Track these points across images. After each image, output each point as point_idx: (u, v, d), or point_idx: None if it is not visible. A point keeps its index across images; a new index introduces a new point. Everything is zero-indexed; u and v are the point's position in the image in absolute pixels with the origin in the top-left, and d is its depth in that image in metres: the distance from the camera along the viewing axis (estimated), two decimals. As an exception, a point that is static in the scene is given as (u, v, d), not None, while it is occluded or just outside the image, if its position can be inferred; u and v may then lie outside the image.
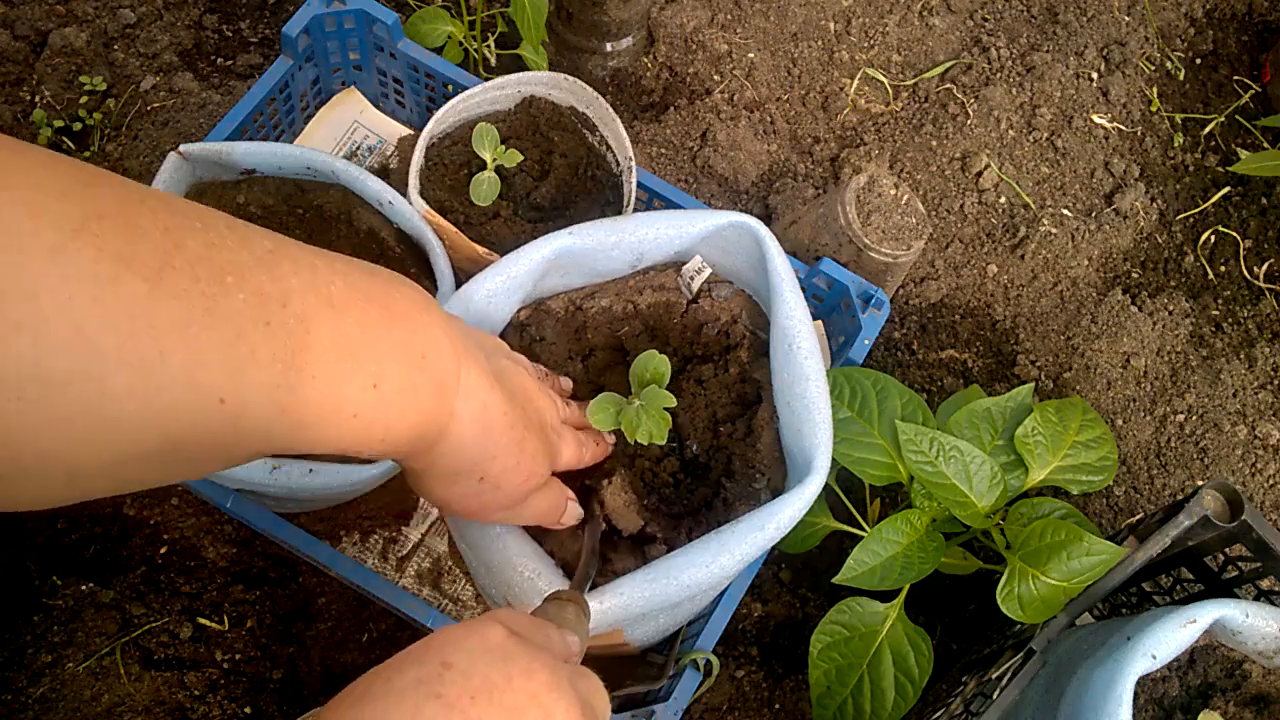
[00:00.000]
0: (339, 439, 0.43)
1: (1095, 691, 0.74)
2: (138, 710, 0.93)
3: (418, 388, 0.46)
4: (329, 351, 0.41)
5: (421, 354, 0.47)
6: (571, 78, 0.96)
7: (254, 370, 0.37)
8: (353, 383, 0.42)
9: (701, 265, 0.80)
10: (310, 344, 0.40)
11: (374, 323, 0.44)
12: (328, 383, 0.41)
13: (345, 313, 0.42)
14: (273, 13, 1.29)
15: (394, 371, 0.45)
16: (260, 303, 0.38)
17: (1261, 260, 1.31)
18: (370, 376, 0.43)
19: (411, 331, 0.47)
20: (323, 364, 0.41)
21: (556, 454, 0.62)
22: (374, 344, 0.44)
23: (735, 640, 1.04)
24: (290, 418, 0.40)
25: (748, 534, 0.66)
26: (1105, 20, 1.40)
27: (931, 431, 0.89)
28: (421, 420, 0.47)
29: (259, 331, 0.37)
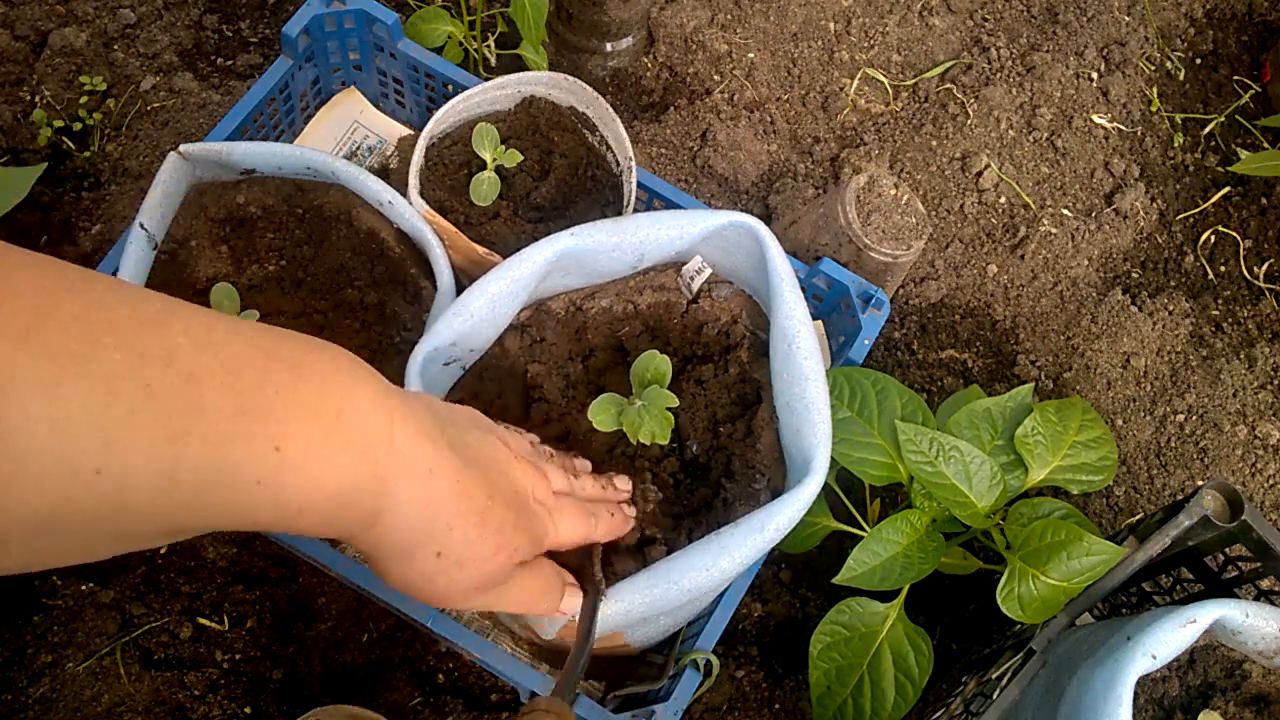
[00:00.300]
0: (249, 512, 0.39)
1: (1095, 691, 0.74)
2: (138, 710, 0.93)
3: (332, 449, 0.41)
4: (221, 413, 0.37)
5: (336, 413, 0.42)
6: (571, 78, 0.96)
7: (132, 436, 0.34)
8: (251, 446, 0.38)
9: (702, 265, 0.80)
10: (200, 406, 0.36)
11: (276, 380, 0.40)
12: (220, 445, 0.37)
13: (242, 372, 0.38)
14: (273, 13, 1.29)
15: (300, 431, 0.40)
16: (141, 363, 0.35)
17: (1261, 260, 1.31)
18: (271, 438, 0.39)
19: (324, 392, 0.42)
20: (214, 427, 0.37)
21: (544, 529, 0.56)
22: (276, 402, 0.39)
23: (735, 640, 1.04)
24: (183, 490, 0.36)
25: (748, 536, 0.66)
26: (1105, 20, 1.40)
27: (931, 431, 0.89)
28: (345, 488, 0.42)
29: (138, 394, 0.34)
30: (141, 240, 0.85)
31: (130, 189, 1.14)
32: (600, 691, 0.95)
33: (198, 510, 0.37)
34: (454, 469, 0.48)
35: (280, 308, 0.89)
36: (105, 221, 1.12)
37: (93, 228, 1.12)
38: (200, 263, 0.89)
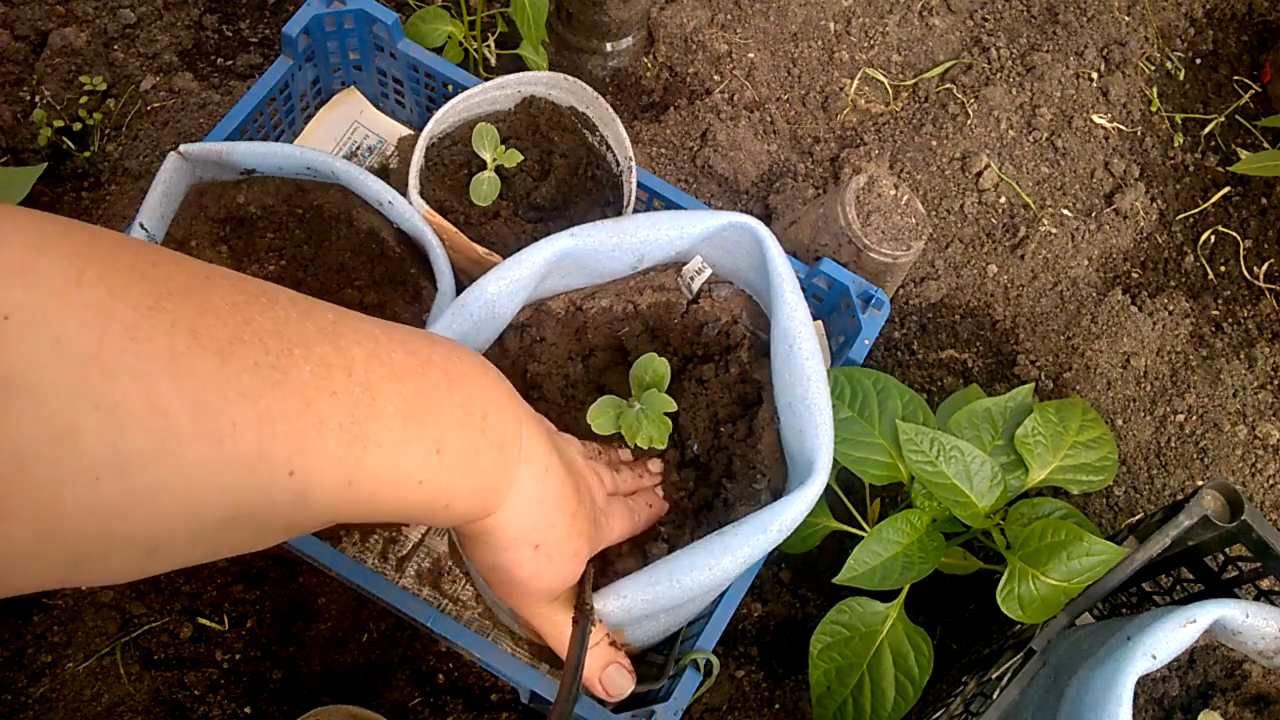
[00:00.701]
0: (404, 507, 0.43)
1: (1095, 691, 0.74)
2: (138, 710, 0.93)
3: (479, 450, 0.46)
4: (393, 418, 0.41)
5: (483, 414, 0.47)
6: (571, 78, 0.96)
7: (320, 441, 0.37)
8: (417, 448, 0.42)
9: (702, 266, 0.80)
10: (375, 412, 0.40)
11: (434, 387, 0.44)
12: (392, 449, 0.41)
13: (406, 379, 0.42)
14: (273, 13, 1.29)
15: (456, 435, 0.45)
16: (326, 373, 0.38)
17: (1261, 260, 1.32)
18: (434, 441, 0.43)
19: (471, 395, 0.47)
20: (388, 432, 0.41)
21: (601, 533, 0.61)
22: (436, 408, 0.44)
23: (735, 640, 1.04)
24: (357, 489, 0.40)
25: (750, 536, 0.66)
26: (1105, 20, 1.40)
27: (932, 431, 0.89)
28: (484, 484, 0.47)
29: (326, 401, 0.38)
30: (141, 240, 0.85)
31: (130, 189, 1.14)
32: (600, 691, 0.95)
33: (364, 506, 0.41)
34: (561, 471, 0.53)
35: (280, 308, 0.89)
36: (105, 221, 1.12)
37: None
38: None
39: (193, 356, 0.32)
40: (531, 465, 0.50)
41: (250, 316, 0.36)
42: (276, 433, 0.35)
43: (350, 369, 0.39)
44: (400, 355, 0.43)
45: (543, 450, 0.51)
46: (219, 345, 0.34)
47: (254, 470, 0.35)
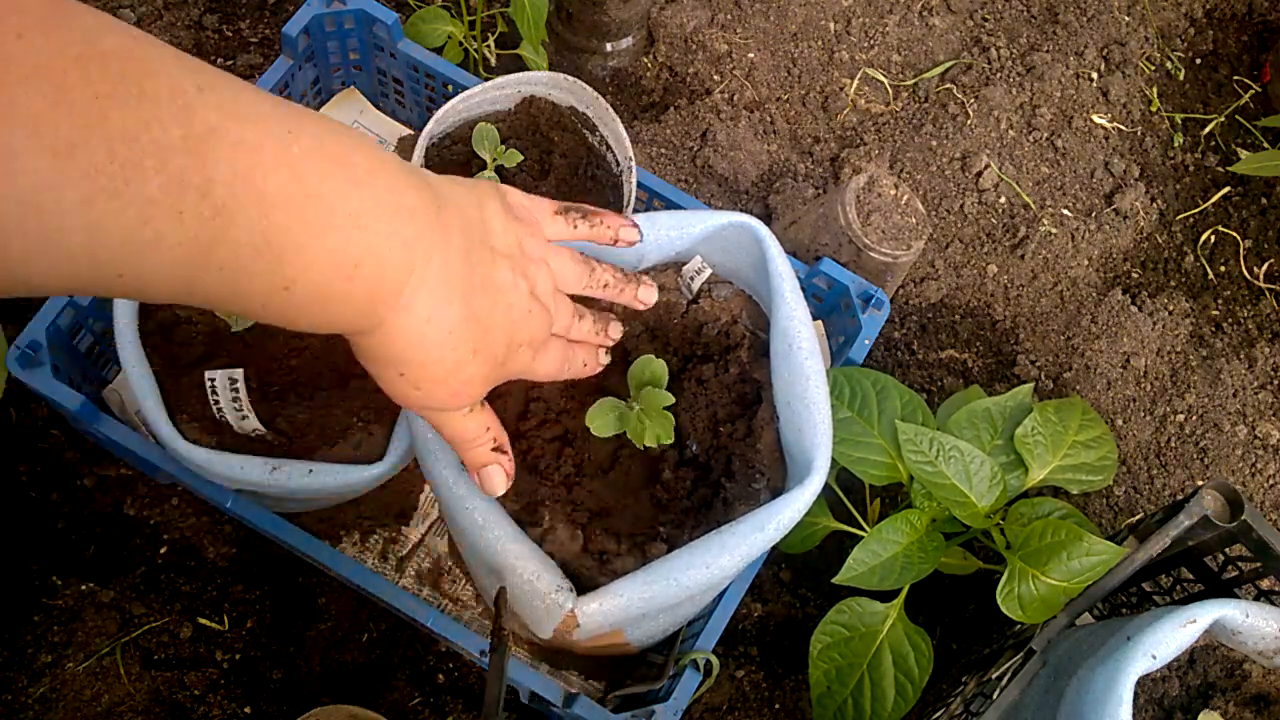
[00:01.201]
0: (249, 316, 0.43)
1: (1095, 691, 0.74)
2: (138, 710, 0.93)
3: (340, 299, 0.43)
4: (244, 248, 0.38)
5: (354, 264, 0.43)
6: (571, 78, 0.96)
7: (155, 256, 0.36)
8: (263, 283, 0.40)
9: (701, 265, 0.80)
10: (226, 239, 0.38)
11: (306, 225, 0.40)
12: (234, 277, 0.39)
13: (272, 212, 0.39)
14: (273, 13, 1.29)
15: (314, 278, 0.41)
16: (178, 191, 0.35)
17: (1261, 260, 1.32)
18: (284, 280, 0.40)
19: (348, 242, 0.42)
20: (235, 260, 0.38)
21: (521, 367, 0.58)
22: (299, 248, 0.40)
23: (735, 640, 1.04)
24: (193, 298, 0.39)
25: (748, 534, 0.66)
26: (1105, 20, 1.40)
27: (931, 431, 0.89)
28: (341, 325, 0.46)
29: (169, 220, 0.35)
30: (141, 240, 0.85)
31: (130, 189, 1.14)
32: (600, 691, 0.95)
33: (199, 303, 0.40)
34: (453, 323, 0.49)
35: (280, 308, 0.89)
36: (105, 221, 1.12)
37: (93, 228, 1.12)
38: (200, 263, 0.89)
39: (29, 156, 0.31)
40: (409, 317, 0.47)
41: (105, 115, 0.33)
42: (107, 242, 0.34)
43: (207, 190, 0.36)
44: (280, 181, 0.39)
45: (431, 302, 0.47)
46: (60, 146, 0.32)
47: (84, 268, 0.35)
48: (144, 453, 0.85)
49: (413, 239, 0.46)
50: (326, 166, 0.41)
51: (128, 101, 0.34)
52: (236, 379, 0.80)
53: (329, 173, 0.41)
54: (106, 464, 1.03)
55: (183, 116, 0.36)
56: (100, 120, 0.33)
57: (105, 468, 1.02)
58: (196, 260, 0.37)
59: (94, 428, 0.85)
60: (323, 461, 0.81)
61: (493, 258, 0.53)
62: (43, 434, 1.03)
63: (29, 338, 0.85)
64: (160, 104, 0.35)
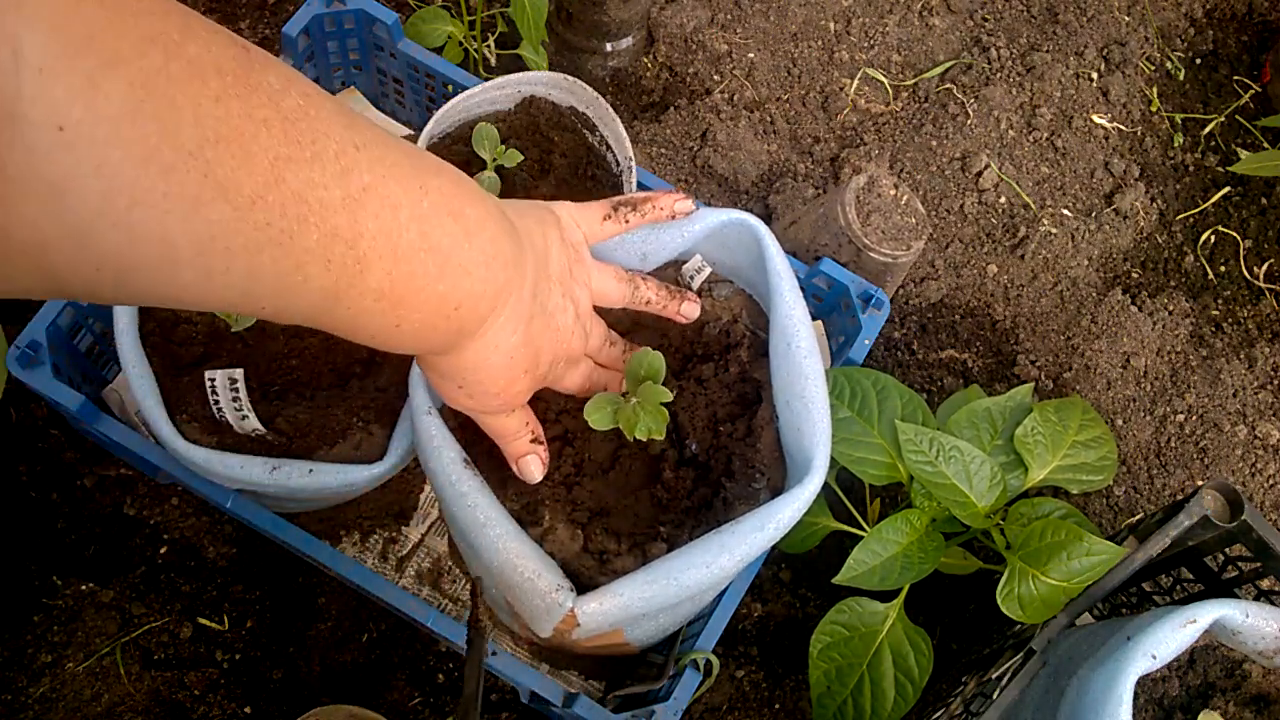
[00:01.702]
0: (357, 339, 0.48)
1: (1095, 691, 0.74)
2: (138, 710, 0.93)
3: (437, 330, 0.50)
4: (369, 293, 0.44)
5: (455, 306, 0.49)
6: (571, 78, 0.96)
7: (300, 297, 0.41)
8: (379, 320, 0.46)
9: (701, 264, 0.80)
10: (358, 284, 0.43)
11: (425, 274, 0.46)
12: (358, 316, 0.45)
13: (401, 263, 0.45)
14: (273, 13, 1.29)
15: (421, 319, 0.48)
16: (330, 243, 0.40)
17: (1261, 260, 1.32)
18: (396, 319, 0.47)
19: (454, 287, 0.49)
20: (360, 302, 0.44)
21: (555, 378, 0.66)
22: (414, 294, 0.47)
23: (735, 640, 1.04)
24: (321, 325, 0.45)
25: (748, 534, 0.66)
26: (1105, 20, 1.40)
27: (931, 431, 0.89)
28: (429, 347, 0.52)
29: (318, 267, 0.40)
30: (141, 240, 0.85)
31: (130, 189, 1.14)
32: (600, 691, 0.95)
33: (324, 329, 0.46)
34: (511, 351, 0.56)
35: (280, 308, 0.89)
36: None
37: (93, 228, 1.12)
38: (200, 263, 0.89)
39: (212, 207, 0.35)
40: (482, 346, 0.54)
41: (282, 176, 0.37)
42: (263, 280, 0.39)
43: (354, 243, 0.42)
44: (411, 237, 0.45)
45: (503, 334, 0.54)
46: (241, 201, 0.36)
47: (236, 298, 0.39)
48: (144, 453, 0.85)
49: (503, 283, 0.52)
50: (447, 222, 0.47)
51: (301, 164, 0.38)
52: (236, 379, 0.80)
53: (448, 228, 0.47)
54: (106, 464, 1.03)
55: (343, 178, 0.41)
56: (277, 181, 0.37)
57: (105, 468, 1.02)
58: (330, 301, 0.43)
59: (94, 428, 0.85)
60: (323, 461, 0.81)
61: (549, 285, 0.59)
62: (43, 434, 1.03)
63: (29, 338, 0.85)
64: (326, 165, 0.40)
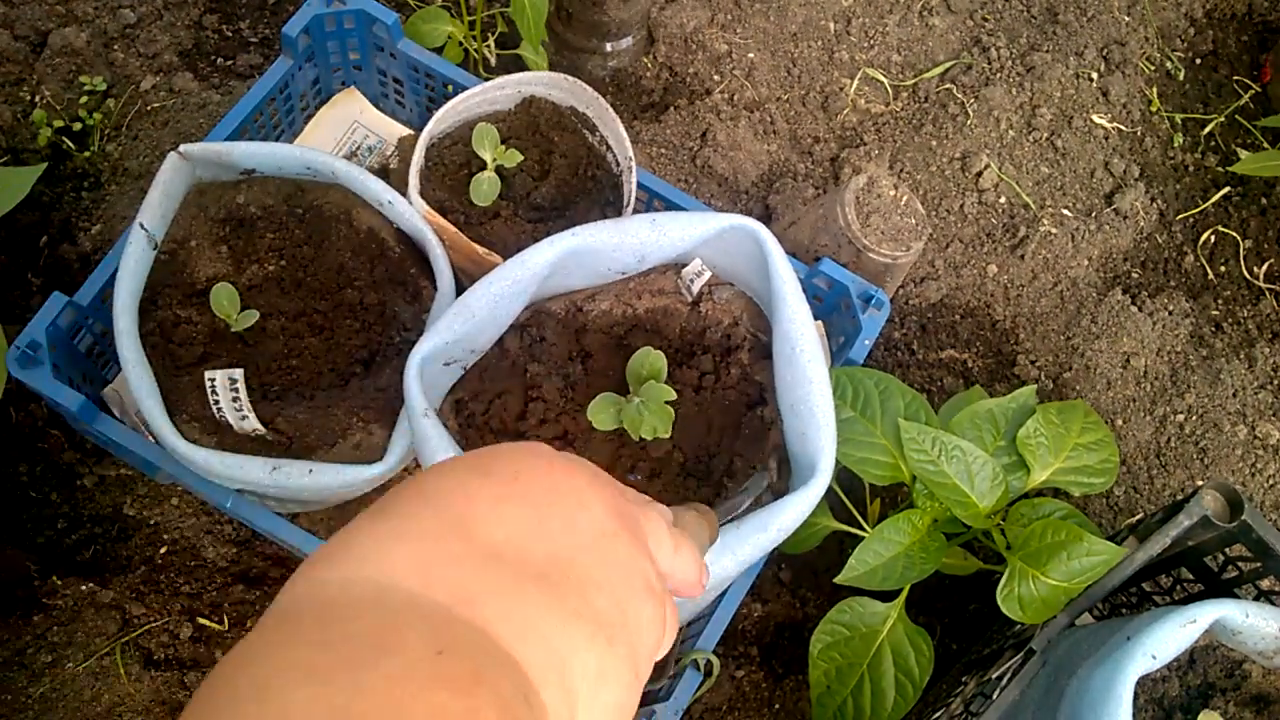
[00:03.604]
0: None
1: (1095, 692, 0.74)
2: (138, 710, 0.93)
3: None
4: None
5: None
6: (571, 78, 0.96)
7: None
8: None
9: (701, 268, 0.80)
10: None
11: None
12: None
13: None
14: (273, 13, 1.29)
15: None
16: None
17: (1261, 260, 1.32)
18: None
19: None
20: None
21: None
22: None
23: (735, 640, 1.04)
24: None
25: (750, 535, 0.66)
26: (1105, 20, 1.40)
27: (935, 431, 0.89)
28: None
29: None
30: (141, 240, 0.85)
31: (130, 189, 1.14)
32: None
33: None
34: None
35: (280, 308, 0.89)
36: (105, 221, 1.12)
37: (93, 228, 1.12)
38: (200, 263, 0.89)
39: None
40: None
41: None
42: None
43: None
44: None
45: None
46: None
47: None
48: (144, 453, 0.85)
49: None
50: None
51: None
52: (236, 379, 0.80)
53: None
54: (106, 464, 1.02)
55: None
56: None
57: (105, 468, 1.02)
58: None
59: (94, 428, 0.85)
60: (323, 461, 0.81)
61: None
62: (43, 434, 1.03)
63: (29, 338, 0.85)
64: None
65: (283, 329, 0.89)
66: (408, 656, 0.27)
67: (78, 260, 1.10)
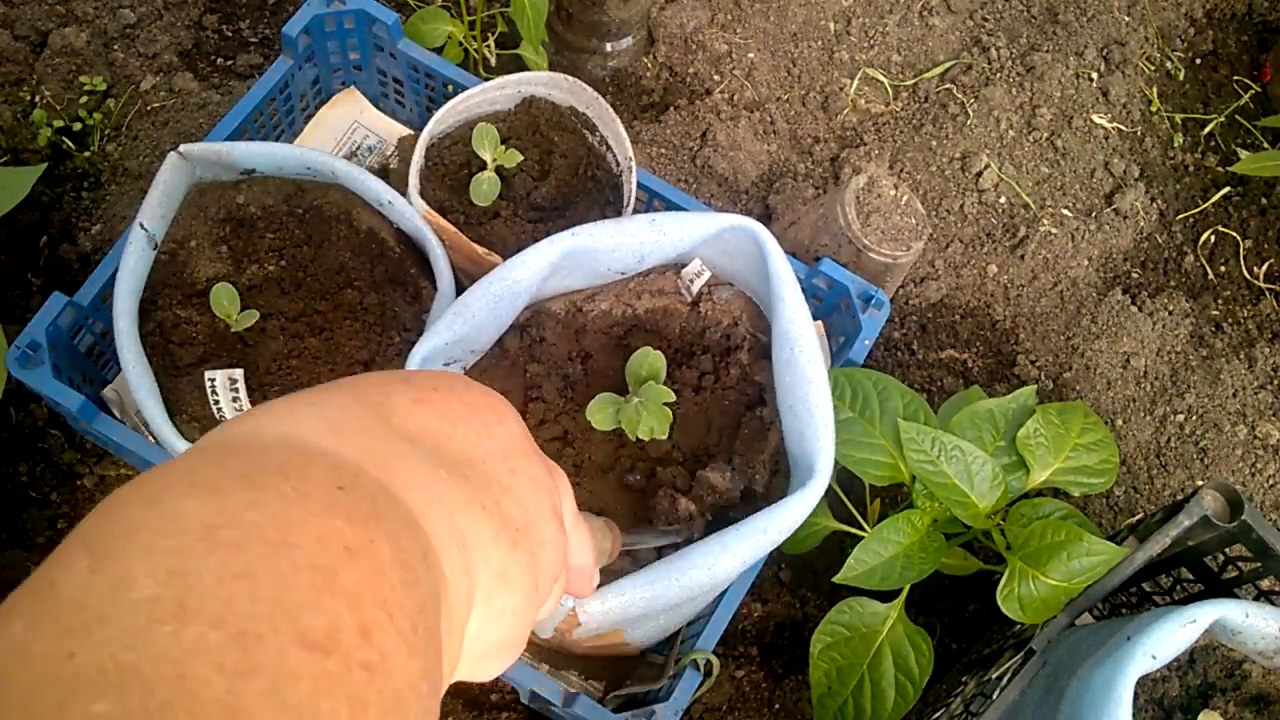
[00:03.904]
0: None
1: (1095, 692, 0.74)
2: (138, 710, 0.93)
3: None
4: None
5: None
6: (571, 78, 0.96)
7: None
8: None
9: (701, 268, 0.80)
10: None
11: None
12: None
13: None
14: (273, 13, 1.29)
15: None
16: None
17: (1261, 260, 1.32)
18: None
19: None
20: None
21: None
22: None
23: (735, 640, 1.04)
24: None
25: (749, 536, 0.66)
26: (1105, 20, 1.40)
27: (934, 431, 0.89)
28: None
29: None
30: (141, 240, 0.85)
31: (130, 189, 1.14)
32: (600, 691, 0.95)
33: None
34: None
35: (280, 308, 0.89)
36: (105, 221, 1.12)
37: (93, 228, 1.12)
38: (200, 263, 0.89)
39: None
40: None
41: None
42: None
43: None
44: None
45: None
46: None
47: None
48: (144, 453, 0.85)
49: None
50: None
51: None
52: (236, 379, 0.80)
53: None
54: (106, 464, 1.02)
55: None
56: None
57: (105, 468, 1.02)
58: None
59: (94, 428, 0.85)
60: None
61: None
62: (43, 434, 1.03)
63: (29, 338, 0.85)
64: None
65: (283, 329, 0.89)
66: (308, 483, 0.26)
67: (78, 260, 1.10)
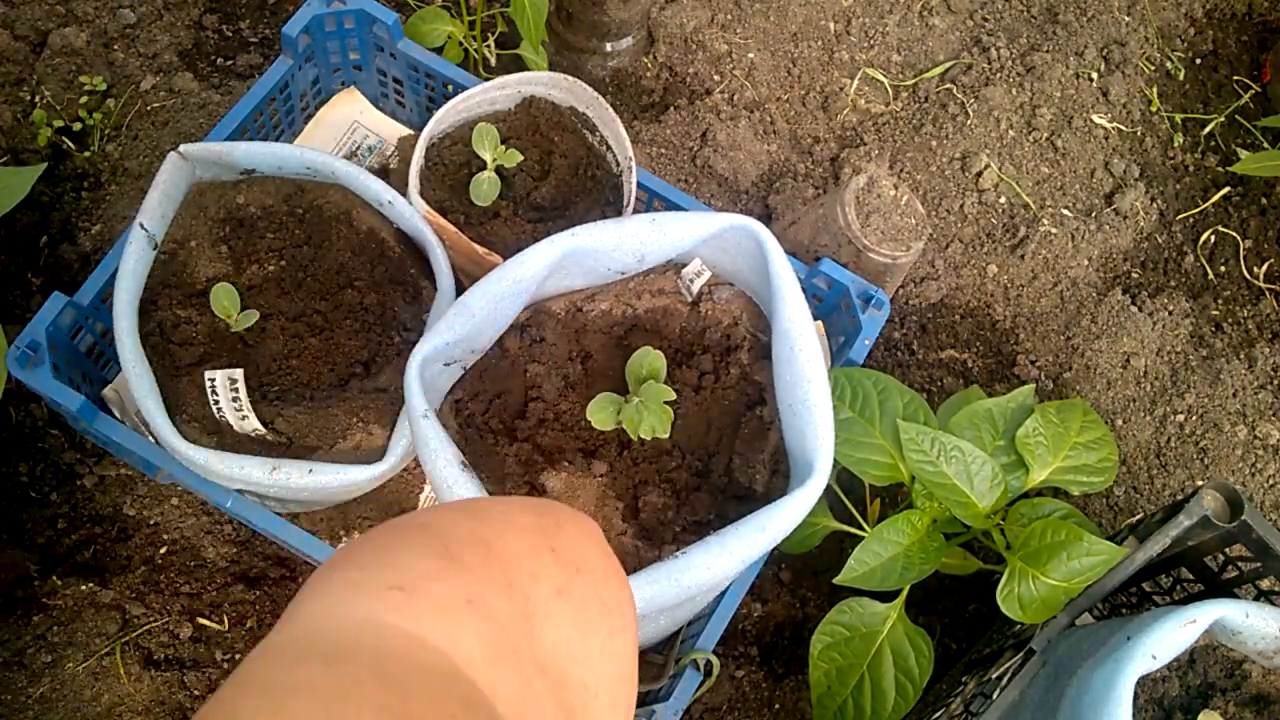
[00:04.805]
0: None
1: (1095, 692, 0.74)
2: (138, 710, 0.93)
3: None
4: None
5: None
6: (571, 78, 0.96)
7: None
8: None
9: (701, 268, 0.80)
10: None
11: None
12: None
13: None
14: (273, 13, 1.29)
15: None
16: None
17: (1261, 260, 1.32)
18: None
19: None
20: None
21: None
22: None
23: (735, 640, 1.04)
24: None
25: (748, 536, 0.66)
26: (1105, 20, 1.40)
27: (933, 431, 0.89)
28: None
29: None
30: (141, 240, 0.85)
31: (130, 189, 1.14)
32: (600, 691, 0.95)
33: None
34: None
35: (280, 308, 0.89)
36: (105, 221, 1.12)
37: (93, 228, 1.12)
38: (200, 263, 0.89)
39: None
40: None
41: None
42: None
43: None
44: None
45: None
46: None
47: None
48: (144, 453, 0.85)
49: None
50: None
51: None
52: (236, 379, 0.80)
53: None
54: (106, 464, 1.03)
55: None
56: None
57: (105, 468, 1.02)
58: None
59: (94, 428, 0.85)
60: (323, 461, 0.81)
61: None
62: (43, 434, 1.03)
63: (29, 338, 0.85)
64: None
65: (282, 329, 0.89)
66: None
67: (78, 260, 1.10)
